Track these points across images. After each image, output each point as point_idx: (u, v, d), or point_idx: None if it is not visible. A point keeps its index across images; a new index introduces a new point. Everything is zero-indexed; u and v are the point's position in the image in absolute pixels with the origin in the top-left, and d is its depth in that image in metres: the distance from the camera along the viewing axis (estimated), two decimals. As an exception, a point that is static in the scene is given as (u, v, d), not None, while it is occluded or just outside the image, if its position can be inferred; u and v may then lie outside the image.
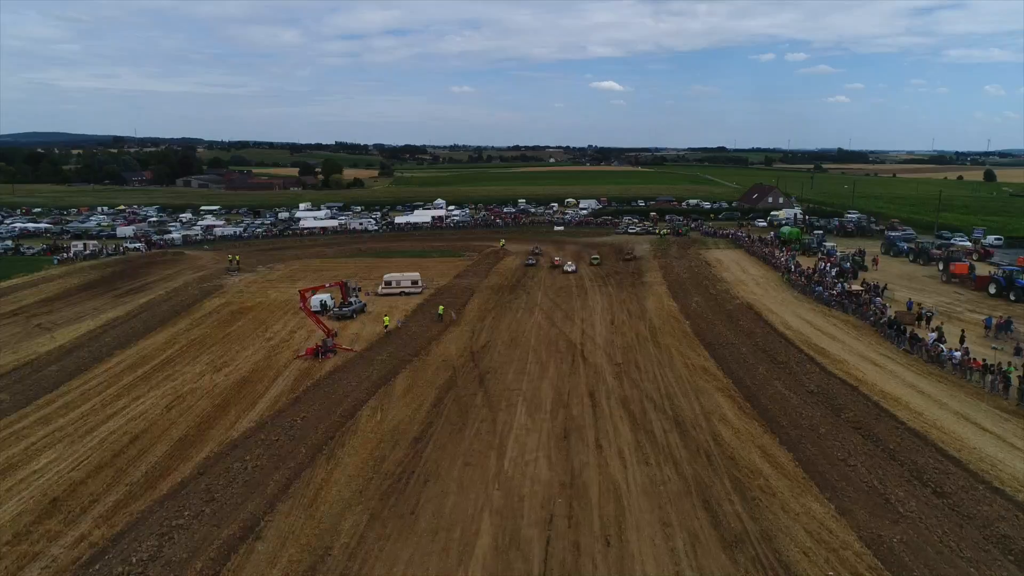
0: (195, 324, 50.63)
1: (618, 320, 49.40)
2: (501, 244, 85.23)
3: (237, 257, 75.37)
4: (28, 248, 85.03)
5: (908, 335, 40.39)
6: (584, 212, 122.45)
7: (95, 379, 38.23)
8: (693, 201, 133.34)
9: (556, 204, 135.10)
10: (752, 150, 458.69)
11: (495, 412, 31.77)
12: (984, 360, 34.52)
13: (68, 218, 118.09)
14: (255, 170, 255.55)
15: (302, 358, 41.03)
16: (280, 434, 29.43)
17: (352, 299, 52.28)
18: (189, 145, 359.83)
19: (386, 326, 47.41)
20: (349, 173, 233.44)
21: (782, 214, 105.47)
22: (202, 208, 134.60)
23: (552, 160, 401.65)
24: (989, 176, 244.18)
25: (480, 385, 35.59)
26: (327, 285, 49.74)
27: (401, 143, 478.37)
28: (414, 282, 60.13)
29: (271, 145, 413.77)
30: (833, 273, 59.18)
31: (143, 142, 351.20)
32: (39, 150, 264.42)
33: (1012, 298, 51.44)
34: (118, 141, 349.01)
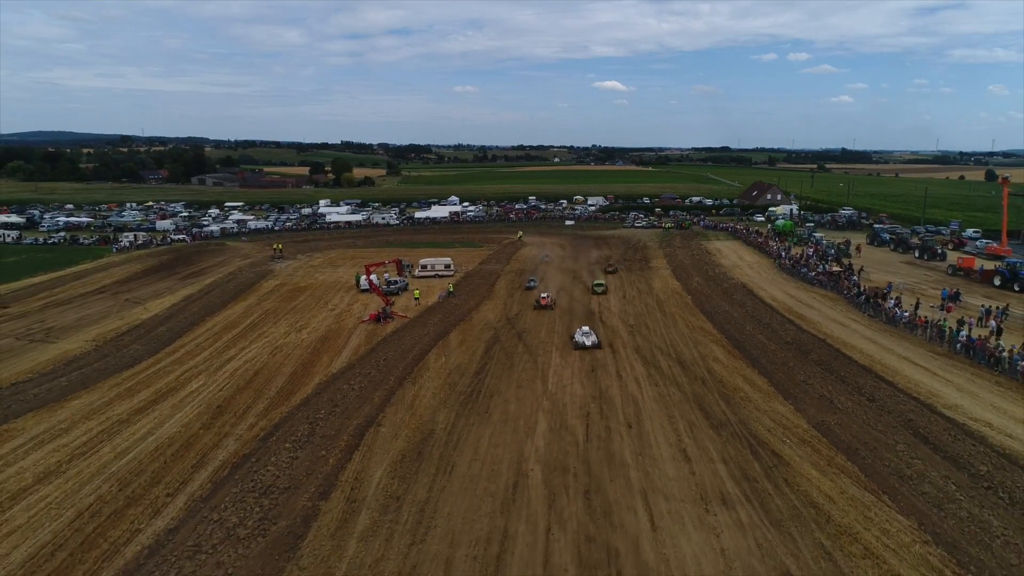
0: (262, 299, 59.90)
1: (629, 295, 58.69)
2: (519, 236, 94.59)
3: (280, 246, 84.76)
4: (85, 239, 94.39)
5: (872, 303, 49.62)
6: (592, 208, 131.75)
7: (201, 336, 47.51)
8: (696, 198, 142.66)
9: (565, 201, 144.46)
10: (756, 150, 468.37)
11: (534, 356, 40.98)
12: (926, 317, 43.79)
13: (104, 214, 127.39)
14: (265, 169, 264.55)
15: (366, 323, 50.21)
16: (370, 369, 38.68)
17: (397, 278, 61.56)
18: (196, 144, 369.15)
19: (416, 299, 56.71)
20: (358, 172, 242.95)
21: (779, 210, 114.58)
22: (226, 204, 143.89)
23: (556, 159, 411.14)
24: (990, 176, 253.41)
25: (519, 339, 44.81)
26: (386, 262, 58.89)
27: (405, 142, 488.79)
28: (447, 266, 69.48)
29: (277, 144, 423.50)
30: (815, 258, 68.41)
31: (151, 141, 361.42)
32: (50, 149, 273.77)
33: (1016, 289, 54.88)
34: (126, 140, 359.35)
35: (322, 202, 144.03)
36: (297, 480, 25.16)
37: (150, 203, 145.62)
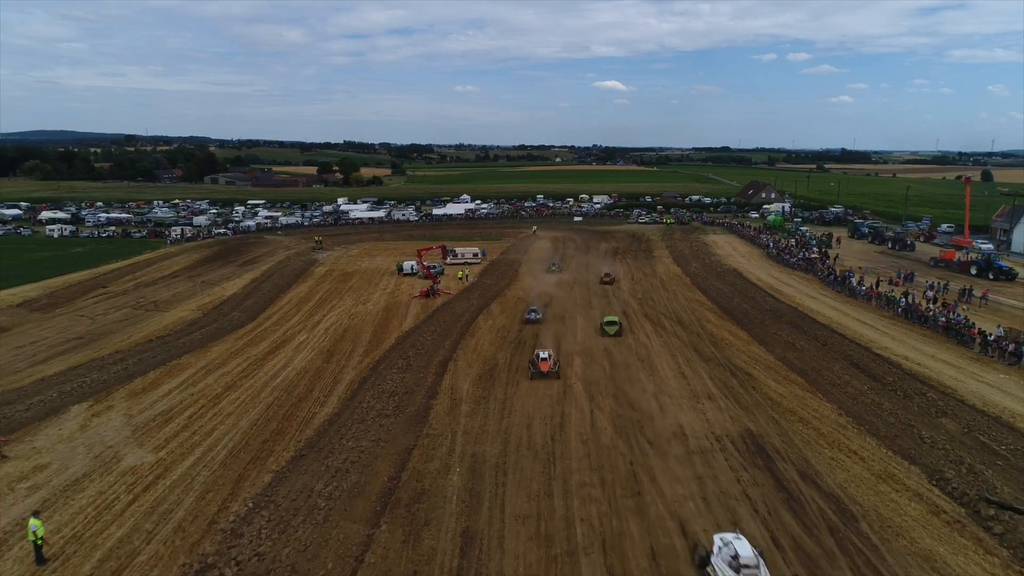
0: (319, 282, 71.26)
1: (636, 278, 70.36)
2: (533, 230, 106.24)
3: (320, 238, 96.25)
4: (135, 233, 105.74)
5: (839, 281, 61.34)
6: (598, 206, 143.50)
7: (283, 307, 58.94)
8: (695, 197, 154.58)
9: (571, 199, 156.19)
10: (756, 150, 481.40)
11: (563, 320, 52.47)
12: (879, 290, 55.53)
13: (136, 211, 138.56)
14: (274, 168, 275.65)
15: (417, 298, 61.60)
16: (435, 327, 50.14)
17: (436, 264, 72.95)
18: (200, 143, 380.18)
19: (459, 278, 68.29)
20: (364, 172, 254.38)
21: (773, 207, 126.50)
22: (249, 202, 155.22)
23: (558, 159, 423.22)
24: (986, 176, 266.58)
25: (548, 308, 56.33)
26: (433, 248, 70.23)
27: (407, 142, 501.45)
28: (475, 254, 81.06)
29: (281, 144, 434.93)
30: (797, 247, 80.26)
31: (154, 140, 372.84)
32: (60, 149, 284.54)
33: (990, 276, 63.13)
34: (131, 139, 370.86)
35: (340, 200, 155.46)
36: (410, 388, 36.64)
37: (176, 201, 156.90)
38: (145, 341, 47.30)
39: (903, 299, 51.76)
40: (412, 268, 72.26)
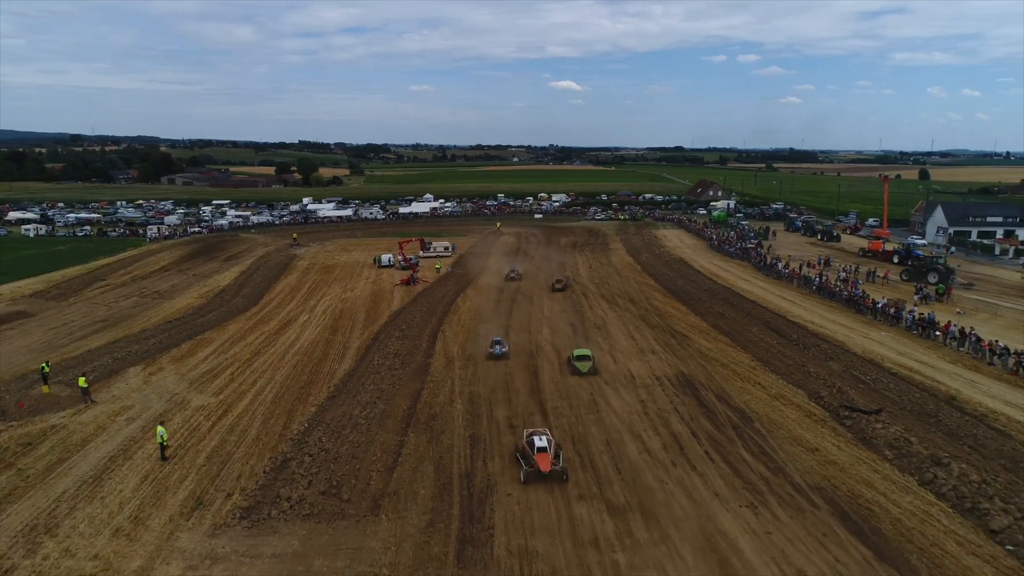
0: (304, 274, 78.77)
1: (594, 267, 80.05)
2: (498, 226, 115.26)
3: (296, 235, 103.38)
4: (111, 232, 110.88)
5: (769, 266, 72.10)
6: (556, 204, 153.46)
7: (278, 295, 66.50)
8: (649, 195, 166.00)
9: (531, 198, 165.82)
10: (708, 150, 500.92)
11: (530, 300, 61.51)
12: (800, 272, 66.34)
13: (100, 211, 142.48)
14: (231, 169, 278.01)
15: (399, 286, 69.84)
16: (421, 308, 58.58)
17: (411, 256, 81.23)
18: (149, 143, 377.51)
19: (436, 268, 76.84)
20: (324, 171, 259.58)
21: (719, 204, 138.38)
22: (213, 202, 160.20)
23: (516, 159, 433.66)
24: (923, 175, 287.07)
25: (517, 293, 65.35)
26: (412, 241, 78.48)
27: (363, 142, 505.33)
28: (446, 248, 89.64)
29: (234, 144, 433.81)
30: (736, 239, 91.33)
31: (102, 140, 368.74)
32: (3, 148, 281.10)
33: (909, 264, 70.34)
34: (77, 139, 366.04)
35: (305, 200, 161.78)
36: (410, 351, 45.16)
37: (140, 202, 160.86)
38: (165, 322, 54.59)
39: (817, 279, 62.57)
40: (389, 260, 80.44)
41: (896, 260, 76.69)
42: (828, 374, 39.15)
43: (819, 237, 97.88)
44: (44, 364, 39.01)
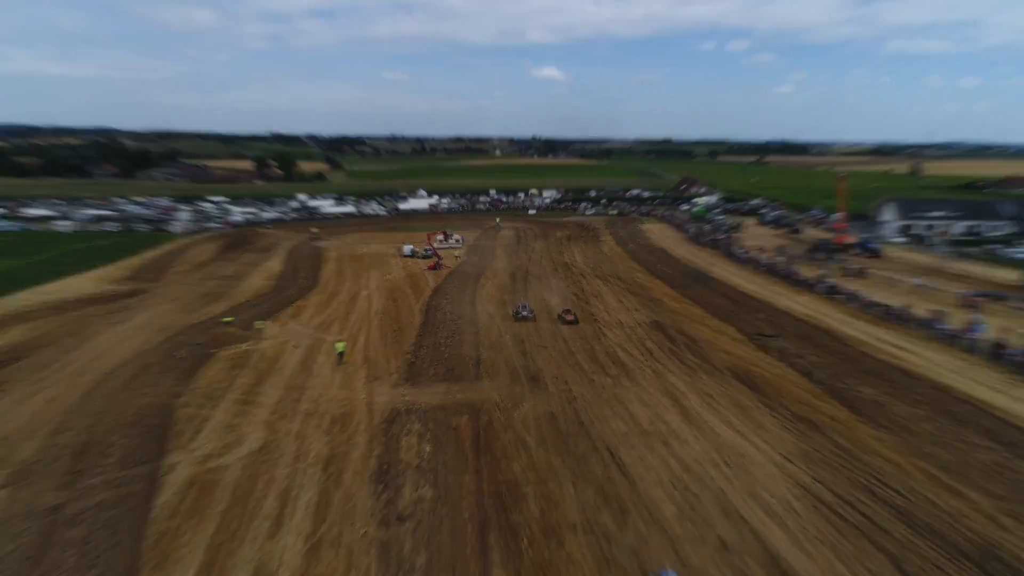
0: (339, 263, 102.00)
1: (587, 255, 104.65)
2: (497, 221, 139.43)
3: (316, 230, 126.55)
4: (138, 227, 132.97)
5: (732, 253, 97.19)
6: (548, 200, 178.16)
7: (329, 278, 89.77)
8: (636, 191, 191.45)
9: (523, 194, 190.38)
10: (698, 142, 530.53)
11: (541, 279, 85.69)
12: (763, 260, 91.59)
13: (107, 208, 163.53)
14: (208, 164, 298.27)
15: (427, 271, 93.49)
16: (454, 285, 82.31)
17: (427, 248, 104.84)
18: (107, 134, 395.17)
19: (456, 257, 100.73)
20: (303, 167, 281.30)
21: (701, 200, 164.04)
22: (208, 197, 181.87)
23: (498, 152, 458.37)
24: (913, 171, 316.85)
25: (528, 274, 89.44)
26: (437, 233, 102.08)
27: (335, 132, 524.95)
28: (457, 240, 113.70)
29: (200, 136, 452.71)
30: (710, 231, 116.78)
31: (57, 132, 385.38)
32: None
33: (867, 256, 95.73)
34: (32, 131, 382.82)
35: (301, 196, 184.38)
36: (461, 305, 68.97)
37: (141, 200, 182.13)
38: (256, 297, 77.69)
39: (765, 261, 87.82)
40: (412, 251, 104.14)
41: (856, 252, 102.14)
42: (753, 319, 63.94)
43: (787, 230, 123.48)
44: (229, 318, 62.41)
